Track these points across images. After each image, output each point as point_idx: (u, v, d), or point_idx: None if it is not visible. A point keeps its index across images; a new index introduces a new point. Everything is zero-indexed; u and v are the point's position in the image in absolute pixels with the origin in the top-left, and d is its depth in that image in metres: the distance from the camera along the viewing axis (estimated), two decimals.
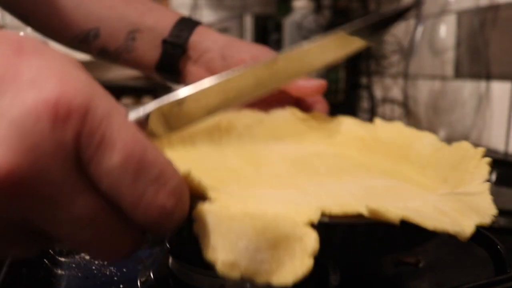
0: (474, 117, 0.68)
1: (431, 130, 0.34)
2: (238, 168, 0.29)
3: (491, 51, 0.68)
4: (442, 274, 0.32)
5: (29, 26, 0.47)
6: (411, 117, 0.71)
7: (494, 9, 0.67)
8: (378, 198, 0.25)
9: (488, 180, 0.26)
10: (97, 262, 0.32)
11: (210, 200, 0.20)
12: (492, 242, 0.28)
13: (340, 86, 0.94)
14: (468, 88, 0.68)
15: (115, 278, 0.30)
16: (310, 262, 0.19)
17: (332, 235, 0.21)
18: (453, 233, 0.21)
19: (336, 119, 0.38)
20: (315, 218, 0.20)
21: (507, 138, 0.67)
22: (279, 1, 1.14)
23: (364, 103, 0.98)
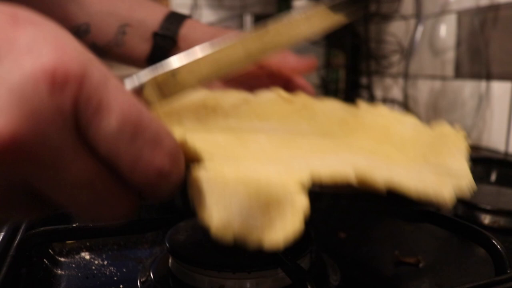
0: (474, 117, 0.68)
1: None
2: (225, 144, 0.29)
3: (491, 51, 0.68)
4: (442, 274, 0.32)
5: None
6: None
7: (494, 9, 0.67)
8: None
9: (469, 161, 0.27)
10: (97, 262, 0.32)
11: (205, 165, 0.20)
12: (492, 242, 0.28)
13: (340, 86, 0.94)
14: (468, 88, 0.68)
15: (115, 278, 0.30)
16: (300, 224, 0.19)
17: (319, 202, 0.21)
18: (434, 198, 0.22)
19: (320, 101, 0.39)
20: (306, 180, 0.20)
21: (507, 138, 0.67)
22: (279, 1, 1.14)
23: None
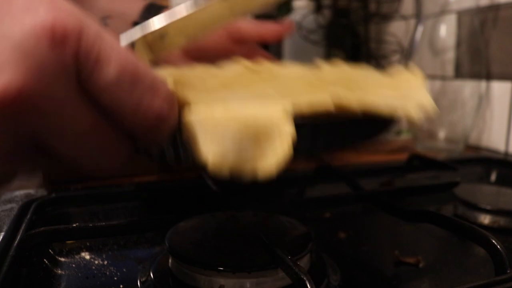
0: (474, 117, 0.68)
1: (431, 130, 0.34)
2: (208, 93, 0.30)
3: (491, 51, 0.68)
4: (442, 274, 0.32)
5: None
6: None
7: (494, 9, 0.67)
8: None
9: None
10: (97, 262, 0.32)
11: (194, 109, 0.22)
12: (492, 242, 0.28)
13: None
14: (468, 88, 0.68)
15: (115, 278, 0.30)
16: (289, 149, 0.21)
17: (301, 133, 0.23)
18: (402, 113, 0.25)
19: (282, 65, 0.40)
20: (289, 111, 0.22)
21: (507, 138, 0.66)
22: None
23: None
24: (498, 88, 0.68)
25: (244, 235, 0.31)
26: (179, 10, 0.32)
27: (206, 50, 0.44)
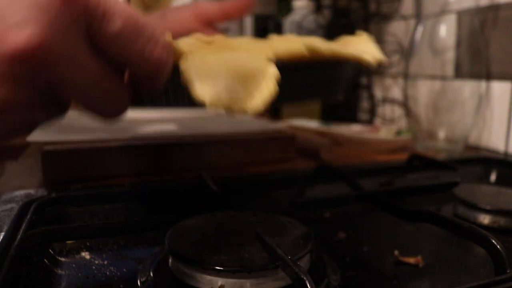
0: (474, 117, 0.68)
1: (431, 130, 0.35)
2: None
3: (491, 51, 0.68)
4: (442, 274, 0.32)
5: None
6: (411, 117, 0.71)
7: (494, 9, 0.67)
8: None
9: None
10: (97, 262, 0.32)
11: (190, 56, 0.25)
12: (492, 242, 0.28)
13: None
14: (468, 88, 0.68)
15: (115, 278, 0.30)
16: (274, 87, 0.24)
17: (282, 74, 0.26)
18: (360, 57, 0.31)
19: (235, 39, 0.42)
20: (271, 56, 0.26)
21: (507, 138, 0.67)
22: (279, 1, 1.14)
23: (364, 103, 0.98)
24: (498, 88, 0.68)
25: (244, 236, 0.31)
26: None
27: (174, 34, 0.44)
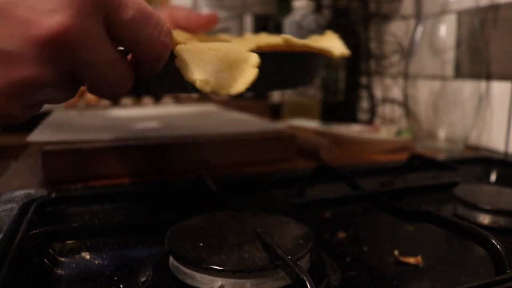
0: (474, 117, 0.68)
1: (431, 130, 0.35)
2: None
3: (491, 51, 0.68)
4: (442, 274, 0.32)
5: None
6: (411, 117, 0.71)
7: (494, 9, 0.67)
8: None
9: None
10: (97, 262, 0.32)
11: (184, 43, 0.28)
12: (492, 242, 0.28)
13: (340, 86, 0.94)
14: (468, 88, 0.68)
15: (115, 278, 0.30)
16: (255, 72, 0.28)
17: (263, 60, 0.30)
18: (328, 50, 0.37)
19: (214, 37, 0.46)
20: (253, 47, 0.30)
21: (507, 138, 0.67)
22: (279, 1, 1.14)
23: (364, 103, 0.98)
24: (498, 88, 0.68)
25: (244, 236, 0.31)
26: None
27: None
